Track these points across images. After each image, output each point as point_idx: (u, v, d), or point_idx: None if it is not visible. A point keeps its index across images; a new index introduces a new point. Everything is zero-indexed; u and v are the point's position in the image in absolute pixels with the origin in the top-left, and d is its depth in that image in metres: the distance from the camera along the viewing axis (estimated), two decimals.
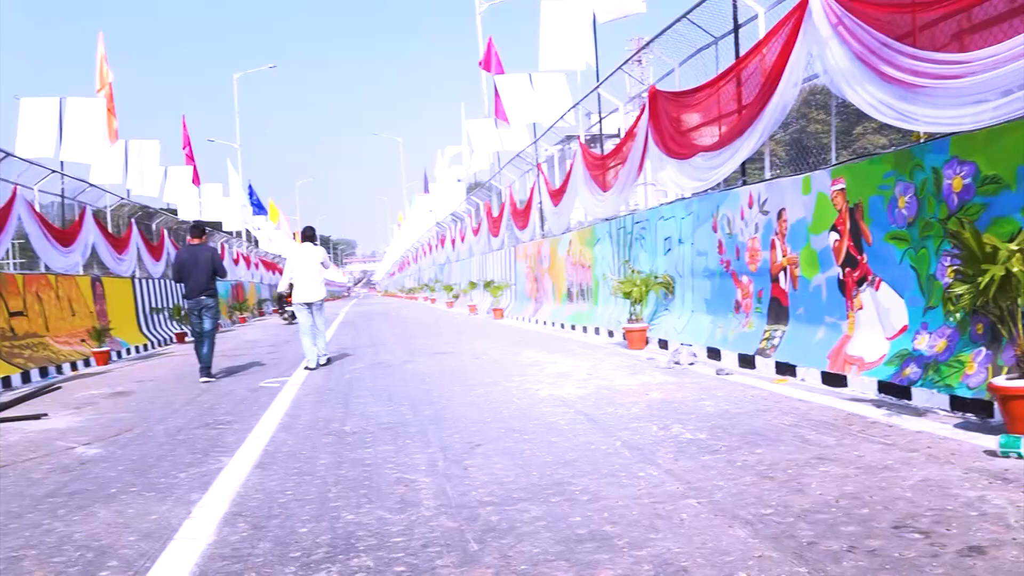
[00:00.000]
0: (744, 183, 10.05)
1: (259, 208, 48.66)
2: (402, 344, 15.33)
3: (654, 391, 7.57)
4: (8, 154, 15.46)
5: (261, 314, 40.82)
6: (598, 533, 3.56)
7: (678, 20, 11.30)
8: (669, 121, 11.40)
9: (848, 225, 7.46)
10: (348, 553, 3.52)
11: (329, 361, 12.22)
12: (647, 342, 11.82)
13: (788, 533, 3.38)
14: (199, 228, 11.88)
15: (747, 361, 8.98)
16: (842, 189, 7.53)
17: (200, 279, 11.22)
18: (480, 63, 25.64)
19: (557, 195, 18.94)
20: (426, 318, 26.83)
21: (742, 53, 9.76)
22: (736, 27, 10.28)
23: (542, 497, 4.18)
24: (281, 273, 53.28)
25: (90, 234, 18.87)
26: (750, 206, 9.42)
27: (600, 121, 16.97)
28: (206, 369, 11.17)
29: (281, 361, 13.34)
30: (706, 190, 10.77)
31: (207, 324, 11.29)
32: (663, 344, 11.46)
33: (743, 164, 9.78)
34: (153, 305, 22.47)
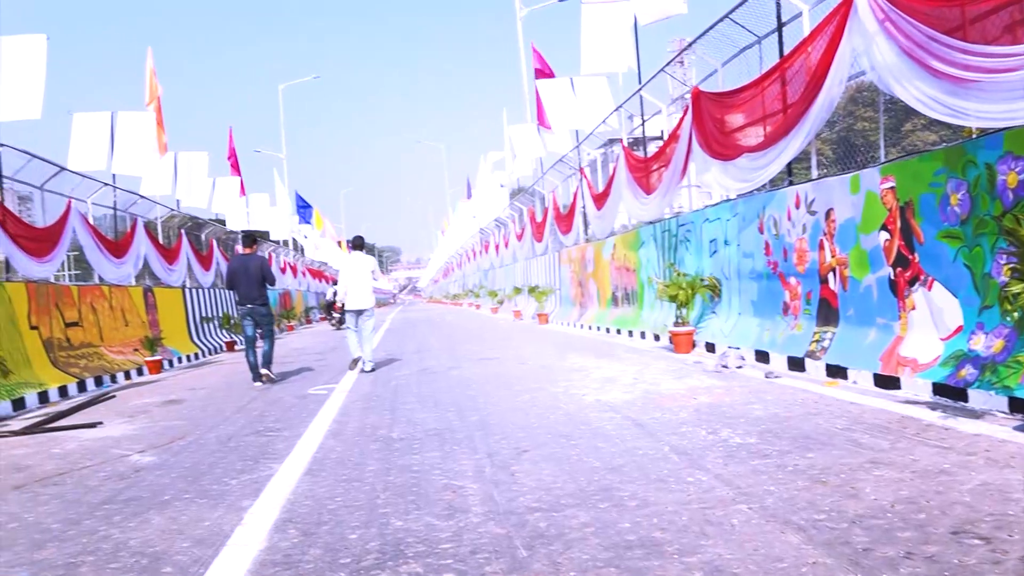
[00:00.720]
0: (791, 183, 9.92)
1: (305, 217, 49.22)
2: (447, 350, 15.39)
3: (702, 395, 7.49)
4: (62, 168, 15.85)
5: (308, 322, 41.30)
6: (647, 539, 3.53)
7: (720, 20, 11.20)
8: (713, 122, 11.30)
9: (899, 224, 7.32)
10: (397, 559, 3.53)
11: (374, 368, 12.32)
12: (694, 346, 11.71)
13: (842, 539, 3.32)
14: (250, 238, 12.28)
15: (796, 364, 8.85)
16: (892, 187, 7.39)
17: (250, 287, 11.64)
18: (536, 71, 25.61)
19: (600, 199, 18.87)
20: (471, 324, 26.91)
21: (786, 52, 9.64)
22: (780, 25, 10.17)
23: (590, 503, 4.16)
24: (327, 280, 53.93)
25: (142, 245, 19.26)
26: (797, 206, 9.29)
27: (643, 124, 16.88)
28: (263, 373, 11.65)
29: (328, 368, 13.46)
30: (752, 191, 10.65)
31: (264, 331, 11.82)
32: (710, 347, 11.34)
33: (789, 164, 9.65)
34: (203, 314, 22.84)
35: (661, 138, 15.98)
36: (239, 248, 12.00)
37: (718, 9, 11.26)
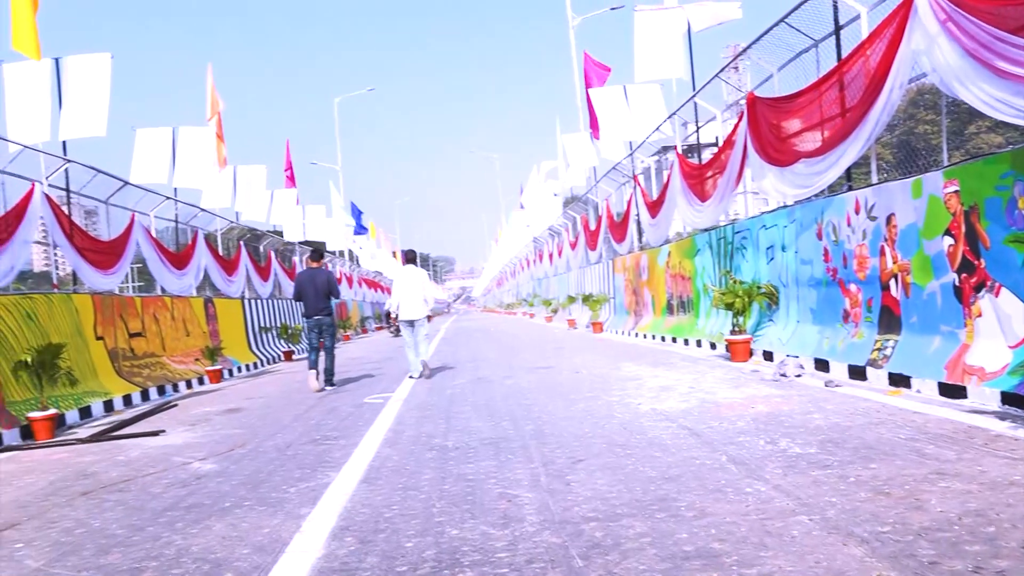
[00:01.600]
0: (850, 188, 9.73)
1: (360, 227, 49.80)
2: (502, 359, 15.41)
3: (760, 404, 7.38)
4: (126, 183, 16.29)
5: (364, 332, 41.71)
6: (705, 550, 3.47)
7: (776, 24, 11.07)
8: (769, 128, 11.15)
9: (963, 229, 7.13)
10: (453, 568, 3.54)
11: (432, 374, 12.76)
12: (751, 354, 11.54)
13: (908, 552, 3.23)
14: (318, 253, 13.38)
15: (858, 372, 8.66)
16: (956, 191, 7.20)
17: (317, 299, 12.34)
18: (585, 82, 25.60)
19: (655, 207, 18.75)
20: (525, 333, 26.92)
21: (844, 55, 9.48)
22: (837, 29, 10.00)
23: (647, 513, 4.12)
24: (383, 290, 54.46)
25: (202, 257, 19.68)
26: (857, 212, 9.11)
27: (697, 130, 16.74)
28: (327, 381, 12.35)
29: (384, 377, 13.58)
30: (809, 197, 10.48)
31: (327, 341, 12.49)
32: (768, 356, 11.17)
33: (848, 169, 9.47)
34: (261, 324, 23.23)
35: (716, 145, 15.82)
36: (297, 262, 12.43)
37: (773, 13, 11.14)
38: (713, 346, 13.66)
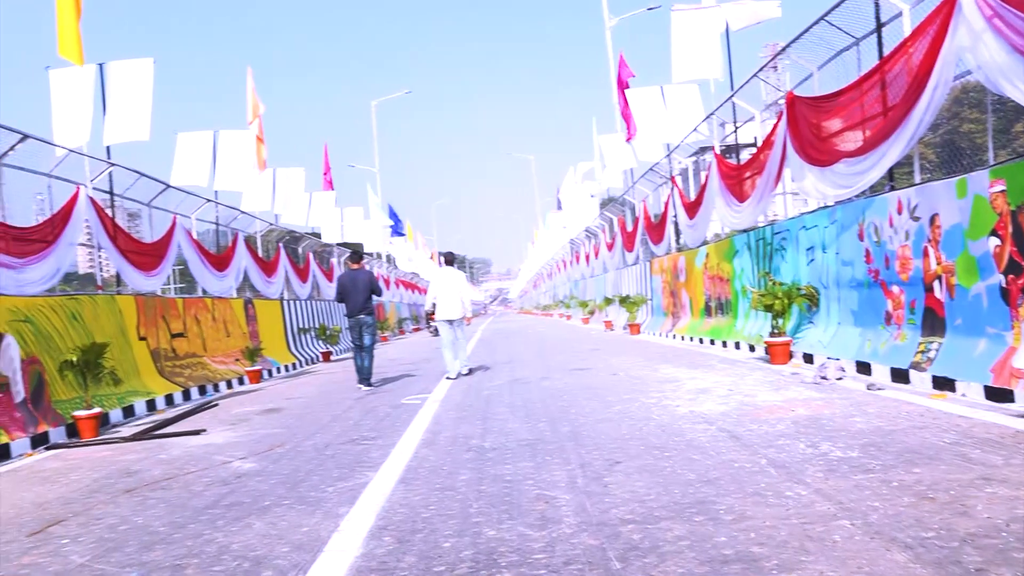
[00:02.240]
0: (892, 188, 9.58)
1: (398, 230, 50.06)
2: (538, 360, 15.40)
3: (800, 407, 7.29)
4: (168, 186, 16.53)
5: (401, 333, 41.93)
6: (745, 554, 3.44)
7: (816, 23, 10.93)
8: (809, 127, 11.02)
9: (1010, 229, 6.98)
10: (491, 569, 3.54)
11: (470, 372, 13.15)
12: (791, 356, 11.41)
13: (953, 559, 3.17)
14: (358, 255, 13.72)
15: (900, 375, 8.52)
16: (1002, 191, 7.06)
17: (359, 300, 12.69)
18: (617, 84, 25.53)
19: (692, 208, 18.62)
20: (561, 335, 26.88)
21: (886, 53, 9.34)
22: (879, 26, 9.86)
23: (685, 516, 4.09)
24: (420, 292, 54.74)
25: (242, 259, 19.92)
26: (899, 212, 8.97)
27: (735, 131, 16.59)
28: (366, 380, 12.69)
29: (421, 378, 13.63)
30: (850, 197, 10.33)
31: (367, 340, 12.79)
32: (808, 358, 11.04)
33: (890, 169, 9.33)
34: (300, 325, 23.45)
35: (754, 145, 15.67)
36: (335, 263, 12.71)
37: (812, 12, 11.00)
38: (752, 348, 13.53)
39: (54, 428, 9.69)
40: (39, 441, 9.27)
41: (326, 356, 23.39)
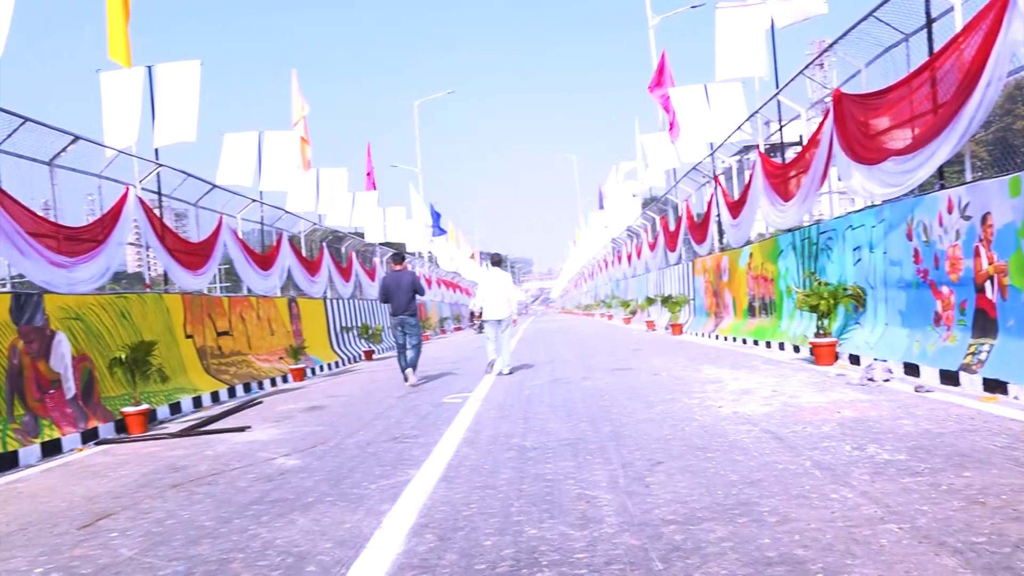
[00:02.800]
0: (942, 187, 9.39)
1: (439, 229, 50.30)
2: (579, 360, 15.36)
3: (846, 409, 7.17)
4: (214, 186, 16.78)
5: (443, 332, 42.10)
6: (789, 556, 3.39)
7: (864, 19, 10.76)
8: (856, 125, 10.85)
9: None
10: (532, 568, 3.53)
11: (511, 371, 13.23)
12: (836, 357, 11.24)
13: (1004, 564, 3.09)
14: (400, 256, 14.05)
15: (950, 378, 8.35)
16: None
17: (402, 300, 12.97)
18: (650, 88, 25.40)
19: (736, 207, 18.43)
20: (603, 334, 26.78)
21: (936, 49, 9.15)
22: (929, 22, 9.67)
23: (728, 517, 4.04)
24: (462, 291, 54.94)
25: (286, 258, 20.16)
26: (949, 211, 8.79)
27: (780, 129, 16.39)
28: (411, 367, 12.90)
29: (462, 377, 13.68)
30: (899, 196, 10.15)
31: (411, 339, 13.03)
32: (854, 359, 10.86)
33: (940, 167, 9.14)
34: (343, 324, 23.67)
35: (800, 143, 15.46)
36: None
37: (860, 8, 10.82)
38: (796, 349, 13.36)
39: (103, 424, 9.89)
40: (89, 436, 9.47)
41: (368, 355, 23.57)
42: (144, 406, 10.22)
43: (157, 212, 14.21)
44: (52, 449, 8.70)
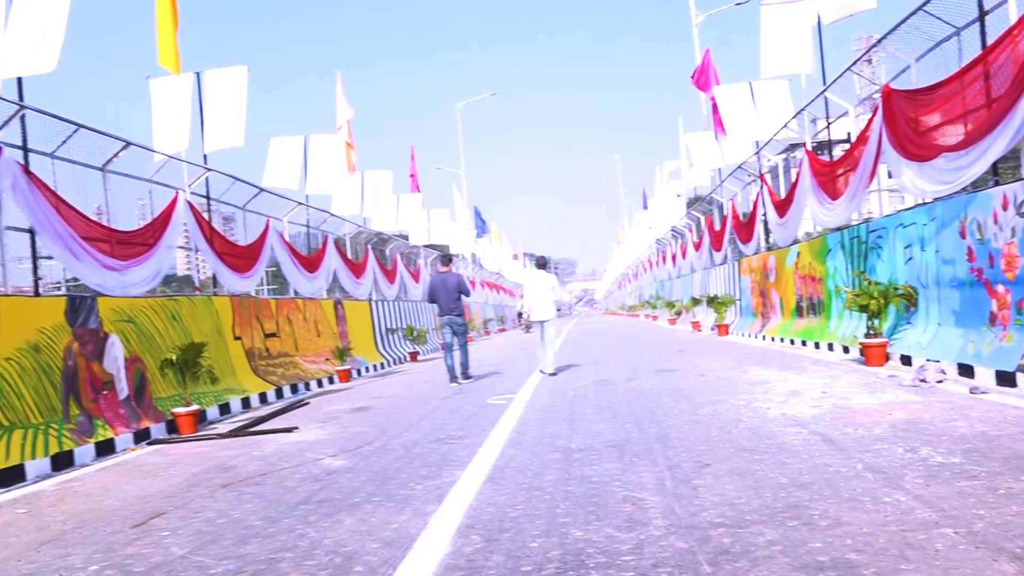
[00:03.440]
0: (996, 183, 9.17)
1: (483, 230, 50.43)
2: (624, 361, 15.28)
3: (898, 410, 7.03)
4: (262, 189, 16.99)
5: (487, 333, 42.17)
6: (841, 561, 3.33)
7: (914, 13, 10.54)
8: (906, 121, 10.64)
9: None
10: (579, 570, 3.52)
11: (556, 372, 13.42)
12: (887, 358, 11.03)
13: None
14: (447, 258, 14.49)
15: (1006, 379, 8.14)
16: None
17: (449, 300, 13.45)
18: (692, 77, 25.22)
19: (782, 206, 18.19)
20: (647, 335, 26.62)
21: (989, 43, 8.94)
22: (982, 14, 9.45)
23: (777, 520, 3.99)
24: (505, 292, 55.01)
25: (332, 260, 20.35)
26: (1004, 208, 8.58)
27: (828, 126, 16.14)
28: (462, 374, 13.47)
29: (507, 378, 13.69)
30: (951, 193, 9.93)
31: (459, 337, 13.50)
32: (905, 360, 10.65)
33: (994, 163, 8.93)
34: (388, 326, 23.83)
35: (848, 141, 15.21)
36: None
37: (909, 3, 10.59)
38: (846, 350, 13.14)
39: (155, 424, 10.08)
40: (141, 436, 9.65)
41: (413, 356, 23.70)
42: (194, 407, 10.39)
43: (206, 216, 14.43)
44: (106, 449, 8.88)
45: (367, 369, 19.45)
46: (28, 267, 9.59)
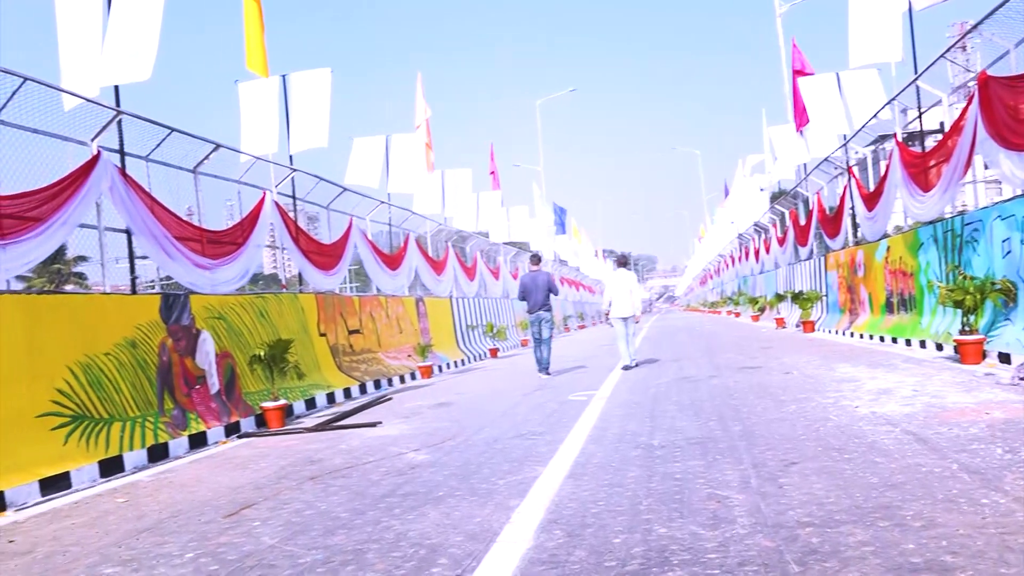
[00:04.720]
0: None
1: (562, 227, 50.35)
2: (706, 358, 15.07)
3: (995, 410, 6.76)
4: (345, 189, 17.31)
5: (567, 330, 42.12)
6: (936, 563, 3.23)
7: None
8: (1005, 109, 10.21)
9: None
10: (663, 566, 3.49)
11: (637, 365, 14.10)
12: (984, 356, 10.61)
13: None
14: (537, 257, 15.30)
15: None
16: None
17: (539, 297, 14.16)
18: (795, 71, 24.67)
19: (871, 199, 17.66)
20: (730, 332, 26.19)
21: None
22: None
23: (868, 521, 3.88)
24: (586, 289, 54.92)
25: (413, 258, 20.61)
26: None
27: (919, 116, 15.61)
28: (545, 369, 14.09)
29: (587, 375, 13.66)
30: None
31: (546, 333, 14.29)
32: (1003, 358, 10.23)
33: None
34: (468, 323, 24.01)
35: (941, 131, 14.68)
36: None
37: None
38: (939, 347, 12.69)
39: (245, 418, 10.37)
40: (232, 430, 9.95)
41: (493, 352, 23.83)
42: (282, 401, 10.66)
43: (292, 215, 14.77)
44: (198, 441, 9.19)
45: (448, 365, 19.64)
46: (125, 266, 10.01)
